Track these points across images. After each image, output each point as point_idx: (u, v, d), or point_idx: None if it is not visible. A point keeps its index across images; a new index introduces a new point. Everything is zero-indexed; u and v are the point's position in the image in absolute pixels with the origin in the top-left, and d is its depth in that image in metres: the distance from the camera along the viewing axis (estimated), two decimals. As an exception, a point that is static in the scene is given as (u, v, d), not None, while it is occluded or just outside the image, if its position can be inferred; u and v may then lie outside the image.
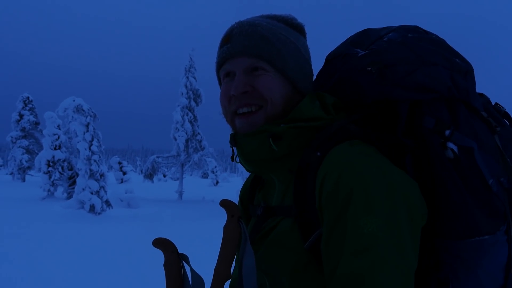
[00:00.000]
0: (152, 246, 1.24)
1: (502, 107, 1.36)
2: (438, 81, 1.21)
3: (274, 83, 1.27)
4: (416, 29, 1.34)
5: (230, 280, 1.42)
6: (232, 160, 1.41)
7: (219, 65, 1.35)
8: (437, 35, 1.33)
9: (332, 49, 1.45)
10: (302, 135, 1.24)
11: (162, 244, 1.25)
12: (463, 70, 1.25)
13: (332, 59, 1.41)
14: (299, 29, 1.40)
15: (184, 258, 1.26)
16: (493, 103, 1.38)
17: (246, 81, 1.27)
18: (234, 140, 1.32)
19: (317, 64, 1.43)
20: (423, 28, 1.35)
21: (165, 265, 1.24)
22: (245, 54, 1.28)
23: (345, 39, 1.45)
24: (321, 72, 1.43)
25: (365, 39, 1.37)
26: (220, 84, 1.40)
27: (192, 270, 1.24)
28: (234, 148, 1.35)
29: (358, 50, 1.34)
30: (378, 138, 1.23)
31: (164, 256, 1.24)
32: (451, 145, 1.16)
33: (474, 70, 1.29)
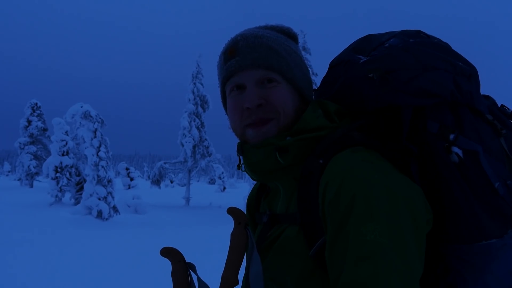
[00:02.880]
0: (160, 255, 1.25)
1: (508, 108, 1.35)
2: (440, 86, 1.21)
3: (286, 95, 1.28)
4: (418, 34, 1.34)
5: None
6: (238, 169, 1.41)
7: (226, 79, 1.34)
8: (439, 39, 1.33)
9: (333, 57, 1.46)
10: (307, 146, 1.24)
11: (169, 253, 1.25)
12: (466, 74, 1.25)
13: (335, 65, 1.41)
14: (295, 39, 1.41)
15: (191, 267, 1.26)
16: (499, 105, 1.37)
17: (259, 93, 1.27)
18: (242, 149, 1.33)
19: (320, 73, 1.43)
20: (426, 32, 1.35)
21: (172, 274, 1.25)
22: (255, 66, 1.28)
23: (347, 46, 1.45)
24: (324, 79, 1.44)
25: (367, 45, 1.37)
26: (223, 98, 1.41)
27: (199, 279, 1.24)
28: (241, 157, 1.36)
29: (360, 56, 1.34)
30: (381, 144, 1.23)
31: (172, 265, 1.25)
32: (455, 149, 1.16)
33: (478, 73, 1.29)
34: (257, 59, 1.27)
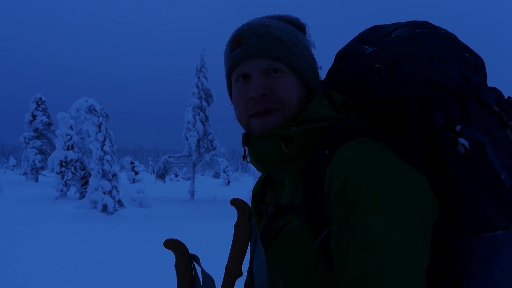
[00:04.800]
0: (163, 247, 1.25)
1: None
2: (447, 76, 1.20)
3: (291, 85, 1.28)
4: (424, 25, 1.33)
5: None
6: (244, 160, 1.41)
7: (232, 68, 1.34)
8: (446, 30, 1.32)
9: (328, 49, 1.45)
10: (313, 136, 1.23)
11: (173, 245, 1.25)
12: (473, 65, 1.24)
13: (341, 56, 1.40)
14: (303, 29, 1.41)
15: (195, 258, 1.26)
16: (506, 97, 1.36)
17: (264, 83, 1.26)
18: (247, 140, 1.32)
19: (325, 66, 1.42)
20: (433, 22, 1.34)
21: (176, 266, 1.25)
22: (261, 55, 1.27)
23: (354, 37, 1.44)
24: (330, 70, 1.43)
25: (373, 36, 1.36)
26: (229, 88, 1.40)
27: (202, 271, 1.24)
28: (246, 148, 1.36)
29: (367, 47, 1.33)
30: (387, 135, 1.22)
31: (175, 256, 1.25)
32: (462, 140, 1.16)
33: (485, 64, 1.28)
34: (263, 49, 1.27)
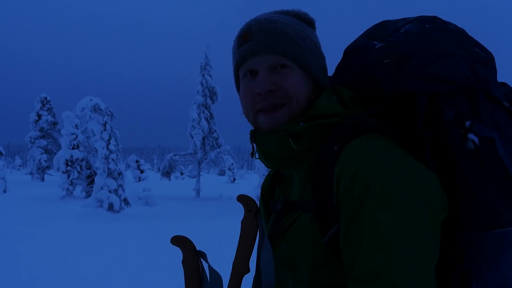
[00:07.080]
0: (171, 244, 1.25)
1: None
2: (456, 72, 1.19)
3: (298, 81, 1.27)
4: (433, 20, 1.32)
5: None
6: (252, 156, 1.40)
7: (239, 64, 1.33)
8: (456, 25, 1.31)
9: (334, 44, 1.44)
10: (321, 132, 1.23)
11: (180, 241, 1.26)
12: (483, 60, 1.23)
13: (349, 52, 1.40)
14: (312, 24, 1.39)
15: (202, 255, 1.27)
16: None
17: (271, 79, 1.26)
18: (254, 137, 1.32)
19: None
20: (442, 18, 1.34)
21: (183, 262, 1.25)
22: (267, 51, 1.26)
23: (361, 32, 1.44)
24: (339, 66, 1.43)
25: (382, 32, 1.35)
26: (236, 83, 1.40)
27: (210, 267, 1.25)
28: (254, 144, 1.35)
29: (375, 42, 1.32)
30: (396, 131, 1.22)
31: (182, 253, 1.25)
32: (471, 136, 1.14)
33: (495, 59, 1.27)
34: (270, 45, 1.26)
